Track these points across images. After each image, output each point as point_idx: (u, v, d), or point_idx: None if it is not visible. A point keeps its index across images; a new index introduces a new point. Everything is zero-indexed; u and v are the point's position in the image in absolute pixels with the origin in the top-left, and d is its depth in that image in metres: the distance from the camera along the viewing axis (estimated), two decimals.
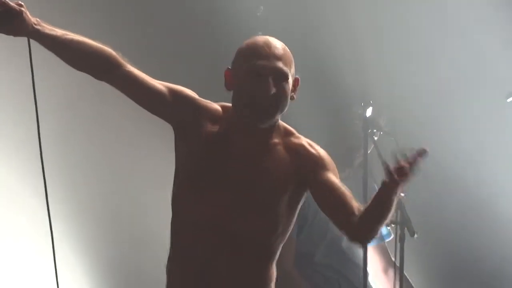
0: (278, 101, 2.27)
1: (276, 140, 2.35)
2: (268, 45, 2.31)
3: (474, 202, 4.20)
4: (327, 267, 3.40)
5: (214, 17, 4.43)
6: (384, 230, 3.52)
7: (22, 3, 2.25)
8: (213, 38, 4.36)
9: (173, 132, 2.39)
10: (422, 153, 1.97)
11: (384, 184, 2.06)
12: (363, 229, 2.19)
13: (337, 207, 2.24)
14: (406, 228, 3.21)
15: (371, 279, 3.41)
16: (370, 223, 2.20)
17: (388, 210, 2.16)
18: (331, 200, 2.26)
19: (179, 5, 4.57)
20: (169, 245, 2.43)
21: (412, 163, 1.97)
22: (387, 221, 2.22)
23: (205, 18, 4.50)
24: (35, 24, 2.29)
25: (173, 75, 2.72)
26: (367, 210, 2.15)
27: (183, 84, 2.40)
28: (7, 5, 2.21)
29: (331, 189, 2.26)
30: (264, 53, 2.29)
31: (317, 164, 2.32)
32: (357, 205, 2.20)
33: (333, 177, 2.33)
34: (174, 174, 2.40)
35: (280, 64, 2.27)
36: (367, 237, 2.28)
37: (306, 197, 2.37)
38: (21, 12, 2.20)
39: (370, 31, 4.41)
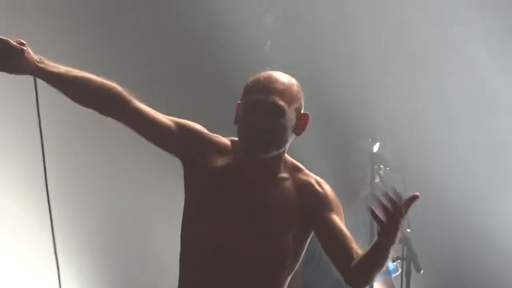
0: (271, 136, 2.29)
1: (284, 175, 2.36)
2: (269, 80, 2.34)
3: (481, 236, 4.20)
4: None
5: (223, 52, 4.52)
6: (391, 265, 3.54)
7: (24, 42, 2.27)
8: (222, 73, 4.43)
9: (182, 165, 2.37)
10: (413, 199, 1.96)
11: (378, 234, 2.06)
12: (358, 275, 2.22)
13: (337, 250, 2.27)
14: (412, 263, 3.23)
15: None
16: (366, 270, 2.23)
17: (383, 258, 2.17)
18: (331, 242, 2.29)
19: (189, 39, 4.67)
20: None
21: (404, 208, 1.96)
22: (383, 269, 2.23)
23: (214, 53, 4.59)
24: (38, 62, 2.31)
25: (181, 109, 2.75)
26: (363, 258, 2.17)
27: (192, 118, 2.41)
28: (8, 44, 2.24)
29: (333, 230, 2.28)
30: (262, 88, 2.32)
31: (322, 203, 2.33)
32: (356, 250, 2.22)
33: (337, 218, 2.34)
34: (184, 206, 2.38)
35: (275, 98, 2.29)
36: (361, 283, 2.30)
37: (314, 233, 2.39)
38: (22, 51, 2.24)
39: (376, 66, 4.48)
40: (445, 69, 4.68)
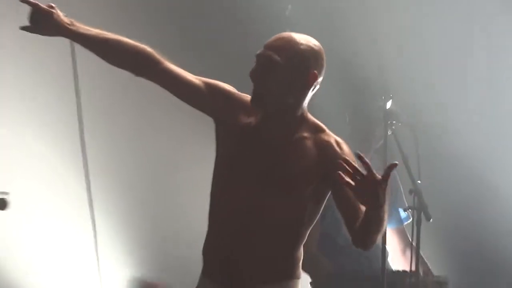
0: (261, 88, 2.37)
1: (305, 134, 2.43)
2: (274, 37, 2.41)
3: (486, 189, 4.40)
4: (349, 248, 3.59)
5: (244, 15, 4.66)
6: (402, 213, 3.70)
7: (53, 5, 2.37)
8: (243, 35, 4.58)
9: (214, 123, 2.50)
10: (392, 166, 2.13)
11: (361, 202, 2.20)
12: (360, 238, 2.34)
13: (347, 211, 2.36)
14: (422, 213, 3.38)
15: (390, 259, 3.56)
16: (366, 234, 2.34)
17: (377, 221, 2.28)
18: (343, 203, 2.37)
19: (209, 3, 4.80)
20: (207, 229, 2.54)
21: (385, 176, 2.10)
22: (383, 228, 2.35)
23: (235, 17, 4.73)
24: (69, 25, 2.39)
25: (205, 70, 2.92)
26: (361, 223, 2.29)
27: (215, 78, 2.53)
28: (38, 7, 2.33)
29: (346, 192, 2.33)
30: (265, 44, 2.39)
31: (337, 158, 2.37)
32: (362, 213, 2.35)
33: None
34: (214, 165, 2.53)
35: (269, 53, 2.36)
36: (364, 245, 2.41)
37: None
38: (51, 13, 2.33)
39: (392, 31, 4.64)
40: (461, 29, 4.82)
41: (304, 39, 2.44)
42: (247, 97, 2.48)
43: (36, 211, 4.42)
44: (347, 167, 2.13)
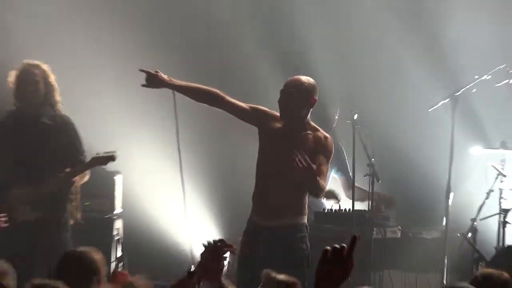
0: (285, 106, 3.89)
1: (308, 132, 4.07)
2: (290, 80, 3.97)
3: (413, 164, 6.29)
4: None
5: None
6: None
7: (158, 70, 3.92)
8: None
9: (257, 129, 4.13)
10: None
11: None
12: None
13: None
14: (375, 178, 5.12)
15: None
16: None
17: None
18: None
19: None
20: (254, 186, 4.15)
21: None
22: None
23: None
24: (169, 80, 3.90)
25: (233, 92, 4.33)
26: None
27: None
28: (149, 73, 3.87)
29: (319, 165, 3.86)
30: (285, 84, 3.98)
31: (323, 149, 3.98)
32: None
33: (323, 159, 3.97)
34: (258, 151, 4.12)
35: (288, 89, 3.91)
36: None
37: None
38: (157, 75, 3.87)
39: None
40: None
41: (307, 79, 4.06)
42: (276, 112, 4.12)
43: (146, 183, 6.06)
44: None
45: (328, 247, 1.83)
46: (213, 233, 6.18)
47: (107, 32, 6.06)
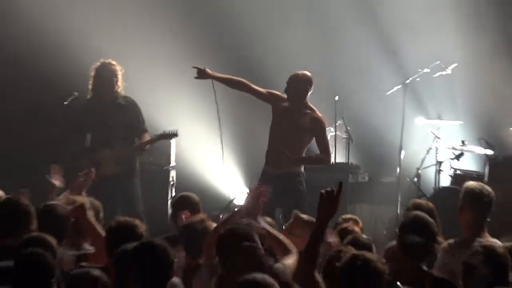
0: (291, 93, 5.69)
1: (307, 111, 5.86)
2: (291, 75, 5.88)
3: (378, 131, 8.45)
4: None
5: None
6: None
7: (205, 67, 5.88)
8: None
9: (271, 107, 6.06)
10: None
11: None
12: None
13: (319, 147, 5.73)
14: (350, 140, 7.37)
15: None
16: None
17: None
18: (318, 143, 5.73)
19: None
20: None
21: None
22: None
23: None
24: (212, 73, 5.83)
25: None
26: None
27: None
28: (198, 69, 5.91)
29: (317, 140, 5.67)
30: (289, 77, 5.93)
31: (317, 126, 5.70)
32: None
33: (321, 134, 5.75)
34: (271, 123, 6.05)
35: (289, 81, 5.86)
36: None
37: None
38: (204, 70, 5.84)
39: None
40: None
41: (303, 73, 5.88)
42: (284, 96, 5.90)
43: (194, 145, 8.10)
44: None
45: (323, 191, 2.63)
46: (242, 182, 8.16)
47: (165, 37, 8.11)
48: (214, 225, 3.80)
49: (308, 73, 6.02)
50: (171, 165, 7.96)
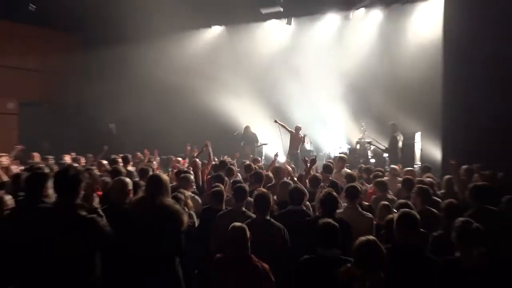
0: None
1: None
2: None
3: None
4: None
5: None
6: None
7: (276, 119, 14.70)
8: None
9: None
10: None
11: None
12: None
13: None
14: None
15: None
16: None
17: None
18: None
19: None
20: None
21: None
22: None
23: None
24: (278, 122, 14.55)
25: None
26: None
27: None
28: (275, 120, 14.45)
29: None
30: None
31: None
32: None
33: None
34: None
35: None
36: None
37: None
38: (276, 121, 14.65)
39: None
40: None
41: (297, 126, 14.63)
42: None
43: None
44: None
45: (306, 158, 8.11)
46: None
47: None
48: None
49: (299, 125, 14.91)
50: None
